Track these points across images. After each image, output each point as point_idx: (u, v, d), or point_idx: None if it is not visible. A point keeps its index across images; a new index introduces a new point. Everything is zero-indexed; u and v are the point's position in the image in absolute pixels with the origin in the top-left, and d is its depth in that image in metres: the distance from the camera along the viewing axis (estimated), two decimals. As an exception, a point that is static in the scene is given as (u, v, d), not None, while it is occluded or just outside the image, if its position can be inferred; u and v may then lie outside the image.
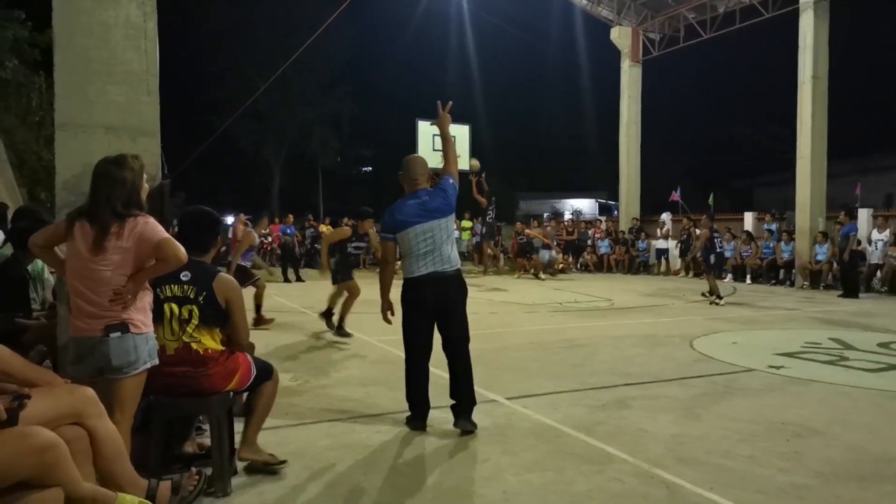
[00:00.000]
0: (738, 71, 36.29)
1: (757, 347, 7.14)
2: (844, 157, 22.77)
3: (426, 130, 20.46)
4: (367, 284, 14.60)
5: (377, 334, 7.36)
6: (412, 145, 19.83)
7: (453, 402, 4.09)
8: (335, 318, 7.64)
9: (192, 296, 3.12)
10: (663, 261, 18.39)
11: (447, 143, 4.38)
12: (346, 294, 7.62)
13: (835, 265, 14.06)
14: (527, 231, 17.46)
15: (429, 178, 4.27)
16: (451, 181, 4.20)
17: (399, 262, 4.23)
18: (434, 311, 4.07)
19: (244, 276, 8.07)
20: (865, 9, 18.81)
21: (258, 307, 8.30)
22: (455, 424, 4.03)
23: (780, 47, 18.45)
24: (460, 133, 21.34)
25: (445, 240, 4.09)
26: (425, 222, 4.03)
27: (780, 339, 7.55)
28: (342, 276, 7.63)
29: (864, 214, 15.07)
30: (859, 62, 25.10)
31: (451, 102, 4.46)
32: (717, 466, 3.52)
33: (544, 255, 16.67)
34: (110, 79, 3.77)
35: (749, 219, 18.18)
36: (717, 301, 11.08)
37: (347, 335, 7.40)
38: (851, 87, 23.31)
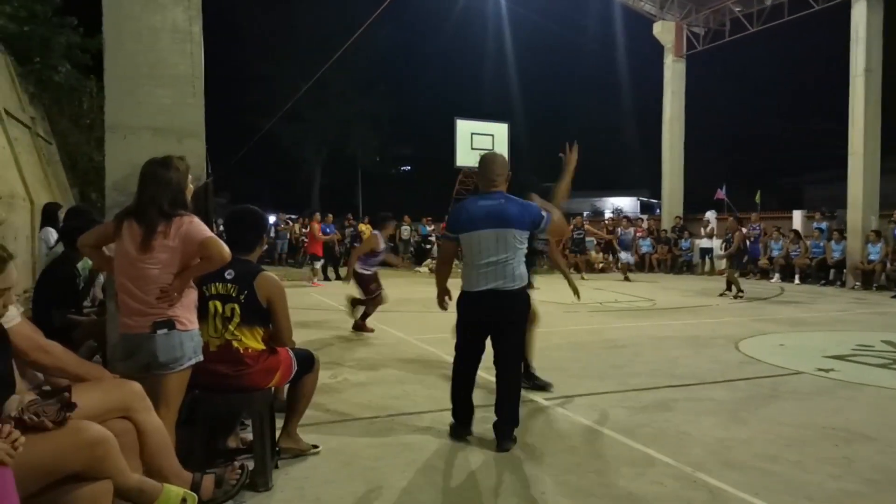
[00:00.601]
0: (786, 65, 35.29)
1: (805, 349, 6.94)
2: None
3: (465, 129, 20.52)
4: (405, 282, 14.63)
5: (415, 332, 7.39)
6: (451, 144, 19.87)
7: (496, 419, 3.79)
8: None
9: (234, 294, 3.18)
10: (707, 260, 18.00)
11: (563, 180, 4.43)
12: None
13: (888, 265, 13.56)
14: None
15: (507, 180, 3.88)
16: (544, 213, 3.82)
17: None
18: (490, 325, 3.79)
19: (365, 284, 7.59)
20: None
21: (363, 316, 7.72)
22: (496, 446, 3.71)
23: (830, 40, 17.84)
24: (499, 131, 21.38)
25: (512, 256, 3.68)
26: (493, 229, 3.65)
27: (830, 342, 7.32)
28: None
29: (920, 212, 14.49)
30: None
31: (577, 144, 4.46)
32: (762, 471, 3.42)
33: (624, 256, 16.35)
34: (158, 82, 3.86)
35: (798, 217, 17.67)
36: (740, 294, 11.71)
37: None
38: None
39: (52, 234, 6.52)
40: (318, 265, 14.37)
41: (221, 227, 3.65)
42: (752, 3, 18.47)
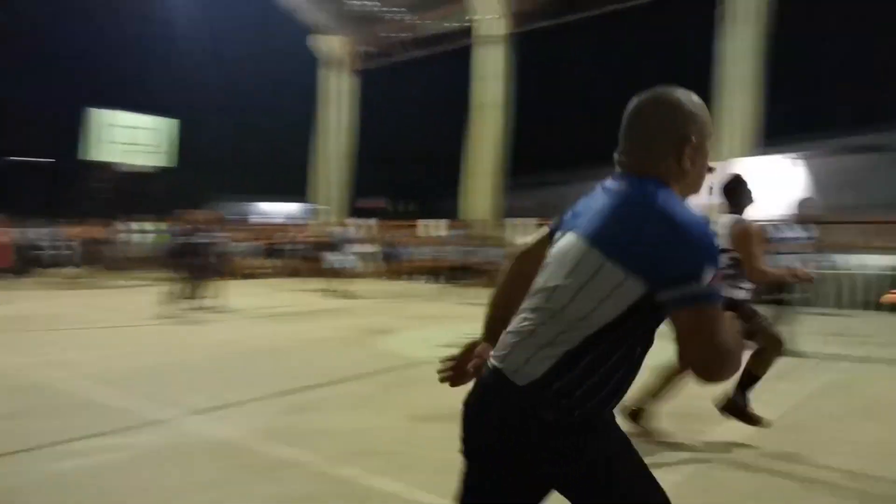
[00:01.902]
0: (431, 91, 39.34)
1: (423, 340, 7.81)
2: (518, 174, 26.24)
3: (99, 120, 18.40)
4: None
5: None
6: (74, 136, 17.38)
7: None
8: None
9: None
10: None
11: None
12: None
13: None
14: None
15: (676, 154, 1.48)
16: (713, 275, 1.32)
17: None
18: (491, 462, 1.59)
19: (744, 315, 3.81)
20: (544, 43, 21.89)
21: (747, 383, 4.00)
22: None
23: (459, 75, 20.43)
24: (158, 125, 19.37)
25: (562, 310, 1.43)
26: (578, 236, 1.48)
27: (441, 332, 8.11)
28: None
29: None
30: (535, 90, 28.80)
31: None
32: (395, 454, 3.71)
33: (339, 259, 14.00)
34: None
35: (422, 225, 19.88)
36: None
37: None
38: (527, 112, 26.82)
39: None
40: None
41: None
42: (401, 31, 20.33)
